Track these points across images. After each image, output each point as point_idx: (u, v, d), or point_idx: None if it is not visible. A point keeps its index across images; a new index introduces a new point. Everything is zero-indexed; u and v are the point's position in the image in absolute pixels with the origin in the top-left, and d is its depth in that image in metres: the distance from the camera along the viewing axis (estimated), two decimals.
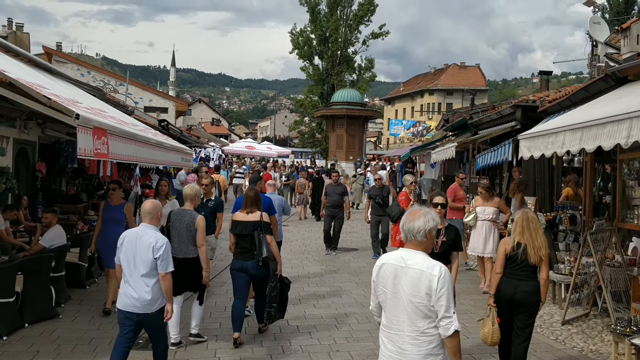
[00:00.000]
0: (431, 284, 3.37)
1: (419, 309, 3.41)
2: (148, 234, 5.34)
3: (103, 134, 5.65)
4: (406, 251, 3.60)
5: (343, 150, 38.00)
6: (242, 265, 7.01)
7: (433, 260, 3.51)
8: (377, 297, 3.70)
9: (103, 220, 8.30)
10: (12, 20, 34.11)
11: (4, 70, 5.40)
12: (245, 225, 7.04)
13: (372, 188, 13.93)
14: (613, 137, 5.09)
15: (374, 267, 3.78)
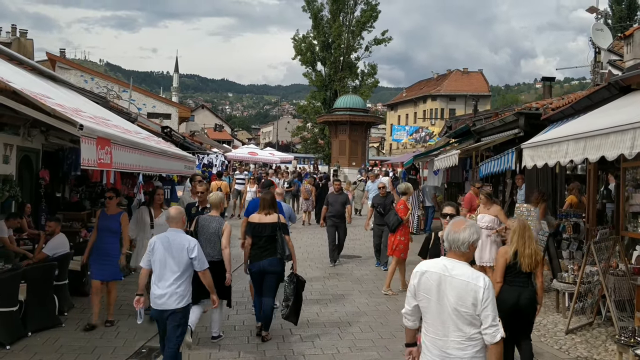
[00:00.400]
0: (477, 295, 3.53)
1: (464, 317, 3.57)
2: (179, 238, 5.87)
3: (107, 143, 5.65)
4: (449, 260, 3.74)
5: (346, 156, 37.99)
6: (259, 265, 7.46)
7: (477, 271, 3.69)
8: (418, 302, 3.82)
9: (98, 229, 8.01)
10: (16, 26, 34.30)
11: (8, 81, 5.41)
12: (263, 226, 7.51)
13: (375, 197, 13.43)
14: (617, 148, 5.08)
15: (413, 273, 3.90)
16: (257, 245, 7.49)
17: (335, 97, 45.29)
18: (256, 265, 7.48)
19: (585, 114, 8.29)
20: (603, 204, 10.42)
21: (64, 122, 5.28)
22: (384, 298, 10.09)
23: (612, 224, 9.43)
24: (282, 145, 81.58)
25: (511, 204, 13.86)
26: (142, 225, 8.74)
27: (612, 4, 47.26)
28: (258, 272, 7.51)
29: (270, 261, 7.43)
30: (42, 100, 5.40)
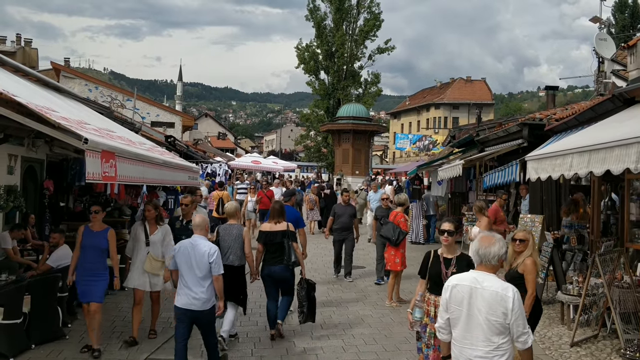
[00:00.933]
0: (507, 305, 3.76)
1: (494, 327, 3.80)
2: (202, 243, 6.41)
3: (111, 156, 5.66)
4: (478, 273, 4.00)
5: (349, 164, 37.91)
6: (270, 269, 8.05)
7: (505, 282, 3.95)
8: (449, 314, 4.06)
9: (82, 247, 7.29)
10: (20, 35, 34.46)
11: (14, 95, 5.43)
12: (274, 234, 8.09)
13: (378, 208, 12.90)
14: (622, 161, 5.07)
15: (444, 287, 4.17)
16: (269, 251, 8.12)
17: (339, 106, 45.24)
18: (267, 269, 8.09)
19: (590, 126, 8.28)
20: (607, 215, 10.40)
21: (69, 136, 5.29)
22: (387, 309, 10.06)
23: (616, 236, 9.40)
24: (285, 154, 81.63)
25: (515, 214, 13.86)
26: (136, 242, 7.98)
27: (615, 12, 47.31)
28: (269, 275, 8.09)
29: (280, 268, 8.01)
30: (48, 114, 5.41)
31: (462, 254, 5.78)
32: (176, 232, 8.18)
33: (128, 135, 9.74)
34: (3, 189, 9.43)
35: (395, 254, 10.53)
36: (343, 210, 12.73)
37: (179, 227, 8.46)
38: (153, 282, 7.89)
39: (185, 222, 8.53)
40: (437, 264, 5.70)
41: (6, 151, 9.62)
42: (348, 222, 12.59)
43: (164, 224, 8.19)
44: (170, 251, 7.24)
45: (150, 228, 8.03)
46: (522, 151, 12.17)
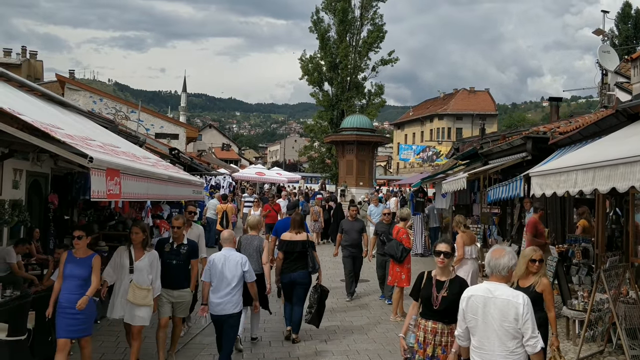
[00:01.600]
0: (518, 310, 4.12)
1: (508, 332, 4.15)
2: (233, 255, 7.33)
3: (116, 174, 5.67)
4: (490, 284, 4.36)
5: (353, 176, 37.97)
6: (290, 276, 8.70)
7: (515, 290, 4.31)
8: (466, 323, 4.43)
9: (64, 276, 6.71)
10: (26, 48, 34.68)
11: (19, 113, 5.46)
12: (294, 243, 8.76)
13: (379, 224, 12.25)
14: (626, 179, 5.06)
15: (461, 298, 4.51)
16: (289, 259, 8.72)
17: (343, 117, 45.39)
18: (287, 276, 8.72)
19: (594, 141, 8.28)
20: (612, 229, 10.37)
21: (74, 154, 5.31)
22: (392, 324, 10.03)
23: (621, 250, 9.37)
24: (289, 164, 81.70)
25: (520, 227, 13.82)
26: (119, 268, 7.24)
27: (618, 23, 47.46)
28: (289, 283, 8.74)
29: (300, 274, 8.68)
30: (53, 132, 5.43)
31: (456, 277, 5.49)
32: (165, 256, 7.52)
33: (132, 149, 9.76)
34: (8, 204, 9.47)
35: (400, 270, 10.48)
36: (350, 226, 12.08)
37: (169, 251, 7.62)
38: (135, 315, 7.01)
39: (176, 245, 7.66)
40: (429, 286, 5.41)
41: (11, 166, 9.66)
42: (357, 238, 11.94)
43: (151, 249, 7.42)
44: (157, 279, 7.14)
45: (136, 253, 7.24)
46: (526, 164, 12.16)
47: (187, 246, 7.71)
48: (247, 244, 8.59)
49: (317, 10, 49.15)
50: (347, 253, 11.99)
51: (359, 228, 12.03)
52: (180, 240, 7.73)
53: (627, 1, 48.86)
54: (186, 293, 7.66)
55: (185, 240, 7.79)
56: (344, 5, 47.50)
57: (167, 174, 8.61)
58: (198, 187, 11.17)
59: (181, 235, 7.78)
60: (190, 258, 7.70)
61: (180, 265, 7.56)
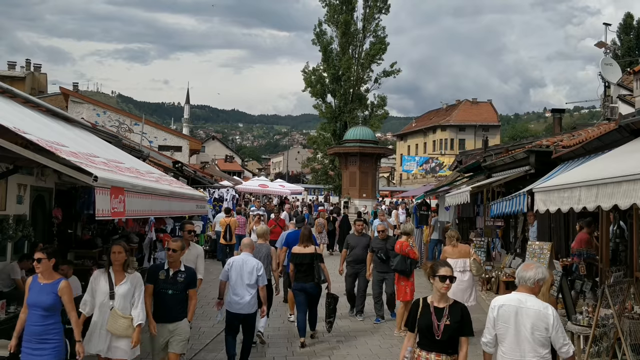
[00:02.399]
0: (548, 321, 4.52)
1: (539, 340, 4.52)
2: (251, 260, 8.18)
3: (120, 192, 5.70)
4: (521, 294, 4.72)
5: (356, 187, 37.90)
6: (302, 286, 9.47)
7: (544, 302, 4.68)
8: (496, 330, 4.74)
9: (27, 305, 6.02)
10: (30, 61, 34.97)
11: (24, 132, 5.49)
12: (304, 256, 9.49)
13: (374, 240, 11.51)
14: (629, 197, 5.07)
15: (491, 306, 4.84)
16: (300, 270, 9.50)
17: (345, 129, 45.41)
18: (299, 285, 9.52)
19: (597, 156, 8.29)
20: (616, 243, 10.34)
21: (79, 172, 5.34)
22: (396, 339, 9.99)
23: (625, 264, 9.35)
24: (292, 176, 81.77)
25: (523, 240, 13.80)
26: (97, 295, 6.36)
27: (620, 34, 47.58)
28: (300, 290, 9.51)
29: (310, 285, 9.44)
30: (58, 150, 5.47)
31: (455, 302, 5.13)
32: (159, 285, 6.79)
33: (136, 165, 9.80)
34: (12, 219, 9.50)
35: (405, 284, 10.45)
36: (357, 242, 11.63)
37: (164, 279, 6.82)
38: (116, 347, 6.24)
39: (173, 273, 6.86)
40: (427, 314, 5.01)
41: (16, 181, 9.70)
42: (362, 254, 11.40)
43: (134, 272, 6.60)
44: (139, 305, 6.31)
45: (116, 276, 6.39)
46: (529, 177, 12.16)
47: (185, 274, 6.89)
48: (256, 252, 9.14)
49: (319, 22, 49.33)
50: (351, 270, 11.59)
51: (365, 244, 11.52)
52: (177, 267, 6.89)
53: (629, 12, 49.07)
54: (183, 325, 6.83)
55: (182, 266, 6.96)
56: (346, 17, 47.66)
57: (170, 189, 8.64)
58: (201, 202, 11.22)
59: (178, 260, 6.92)
60: (189, 287, 6.88)
61: (176, 296, 6.75)
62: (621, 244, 10.30)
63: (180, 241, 7.16)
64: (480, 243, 15.05)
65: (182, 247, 7.03)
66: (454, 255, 10.12)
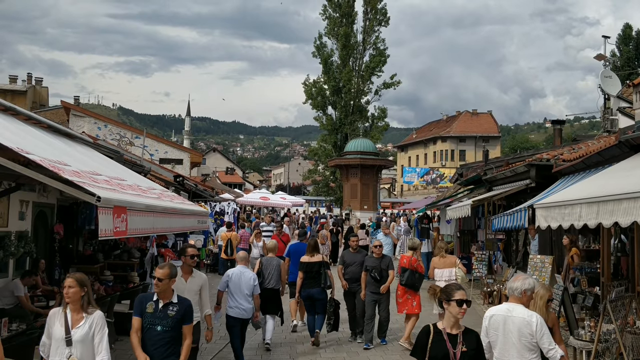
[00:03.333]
0: (532, 328, 4.84)
1: (525, 345, 4.85)
2: (247, 271, 9.03)
3: (123, 211, 5.72)
4: (509, 304, 5.09)
5: (357, 199, 37.97)
6: (308, 292, 10.27)
7: (530, 311, 4.99)
8: (489, 338, 5.10)
9: None
10: (31, 75, 35.12)
11: (28, 152, 5.53)
12: (311, 265, 10.27)
13: (369, 258, 10.78)
14: (630, 214, 5.10)
15: (484, 316, 5.23)
16: (308, 277, 10.22)
17: (346, 140, 45.51)
18: (307, 291, 10.30)
19: (597, 171, 8.32)
20: (618, 257, 10.35)
21: (82, 192, 5.37)
22: (398, 355, 9.96)
23: (627, 279, 9.35)
24: (293, 188, 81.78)
25: (525, 253, 13.80)
26: (52, 340, 5.26)
27: (619, 44, 47.72)
28: (308, 296, 10.32)
29: (316, 290, 10.23)
30: (61, 171, 5.50)
31: (467, 329, 4.81)
32: (147, 320, 5.69)
33: (138, 181, 9.82)
34: (14, 235, 9.52)
35: (412, 298, 10.45)
36: (352, 258, 10.91)
37: (152, 312, 5.70)
38: None
39: (163, 304, 5.73)
40: (441, 342, 4.71)
41: (18, 197, 9.72)
42: (358, 272, 10.66)
43: (96, 310, 5.36)
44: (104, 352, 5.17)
45: (73, 317, 5.23)
46: (530, 191, 12.18)
47: (178, 306, 5.75)
48: (268, 264, 10.25)
49: (320, 35, 49.59)
50: (348, 289, 10.81)
51: (361, 260, 10.79)
52: (168, 298, 5.78)
53: (627, 23, 49.24)
54: None
55: (175, 297, 5.84)
56: (346, 30, 47.90)
57: (171, 206, 8.67)
58: (203, 217, 11.23)
59: (168, 290, 5.81)
60: (183, 323, 5.73)
61: (167, 333, 5.63)
62: (622, 257, 10.31)
63: (167, 268, 5.92)
64: (482, 256, 15.05)
65: (170, 275, 5.81)
66: (441, 266, 10.82)
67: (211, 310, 7.62)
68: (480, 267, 14.98)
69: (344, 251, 12.16)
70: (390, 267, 10.49)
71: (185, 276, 7.26)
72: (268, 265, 10.20)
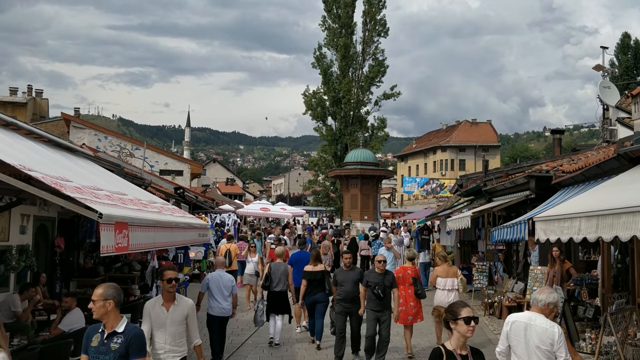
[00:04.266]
0: (554, 337, 5.05)
1: (544, 353, 5.04)
2: (225, 275, 9.96)
3: (124, 227, 5.74)
4: (532, 313, 5.29)
5: (357, 210, 37.96)
6: (313, 298, 10.90)
7: (551, 322, 5.20)
8: (509, 342, 5.32)
9: None
10: (31, 86, 35.17)
11: (30, 169, 5.56)
12: (315, 273, 10.93)
13: (371, 273, 10.17)
14: (629, 229, 5.12)
15: (505, 321, 5.48)
16: (312, 285, 10.85)
17: (346, 151, 45.55)
18: (310, 298, 10.93)
19: (597, 184, 8.35)
20: (618, 269, 10.37)
21: (84, 209, 5.39)
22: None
23: (627, 291, 9.36)
24: (293, 198, 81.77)
25: (525, 264, 13.80)
26: None
27: (618, 54, 47.90)
28: (312, 302, 10.95)
29: (320, 295, 10.88)
30: (63, 188, 5.53)
31: (474, 349, 4.72)
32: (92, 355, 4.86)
33: (138, 194, 9.85)
34: (15, 249, 9.54)
35: (415, 305, 10.51)
36: (345, 277, 10.21)
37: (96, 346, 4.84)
38: None
39: (107, 335, 4.87)
40: None
41: (19, 211, 9.75)
42: (353, 291, 10.06)
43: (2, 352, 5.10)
44: None
45: None
46: (530, 202, 12.21)
47: (123, 337, 4.85)
48: (276, 269, 11.31)
49: (319, 46, 49.69)
50: (341, 308, 10.11)
51: (355, 278, 10.16)
52: (112, 327, 4.88)
53: (626, 32, 49.43)
54: None
55: (121, 326, 4.91)
56: (345, 41, 48.03)
57: (172, 220, 8.69)
58: (203, 230, 11.25)
59: (109, 315, 4.91)
60: (128, 358, 4.82)
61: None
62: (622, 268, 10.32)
63: (103, 288, 5.02)
64: (482, 267, 15.05)
65: (106, 297, 4.89)
66: (444, 275, 10.82)
67: (201, 340, 6.47)
68: (480, 278, 14.99)
69: (337, 270, 11.32)
70: (395, 285, 9.92)
71: (167, 304, 6.26)
72: (276, 270, 11.31)
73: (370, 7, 49.19)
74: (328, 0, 49.52)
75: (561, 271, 10.81)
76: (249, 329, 12.41)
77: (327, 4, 49.63)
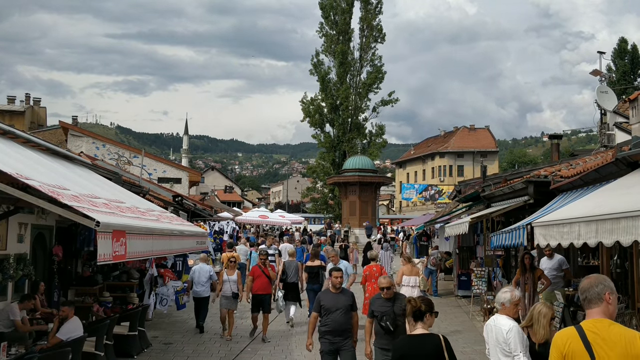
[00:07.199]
0: (504, 334, 5.35)
1: (501, 350, 5.38)
2: (205, 267, 13.37)
3: (122, 235, 5.73)
4: (497, 315, 5.67)
5: (356, 216, 37.95)
6: (311, 286, 13.62)
7: (509, 320, 5.48)
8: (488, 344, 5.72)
9: None
10: (29, 95, 35.15)
11: (27, 178, 5.55)
12: (313, 267, 13.91)
13: (376, 301, 7.45)
14: (630, 233, 5.10)
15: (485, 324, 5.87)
16: (311, 276, 13.76)
17: (345, 158, 45.58)
18: (310, 286, 13.70)
19: (595, 188, 8.34)
20: (617, 274, 10.33)
21: (82, 217, 5.38)
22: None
23: (627, 295, 9.34)
24: (292, 205, 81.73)
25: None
26: None
27: (615, 59, 48.00)
28: (311, 290, 13.61)
29: (317, 286, 13.32)
30: (60, 196, 5.51)
31: None
32: None
33: (136, 202, 9.84)
34: (13, 258, 9.51)
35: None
36: (333, 301, 7.71)
37: None
38: None
39: None
40: None
41: (17, 220, 9.73)
42: (343, 321, 7.62)
43: None
44: None
45: None
46: (529, 207, 12.19)
47: None
48: (290, 266, 13.99)
49: (317, 53, 49.80)
50: (326, 346, 7.57)
51: (346, 304, 7.75)
52: None
53: (623, 37, 49.59)
54: None
55: None
56: (343, 47, 48.13)
57: (170, 227, 8.68)
58: (202, 238, 11.23)
59: None
60: None
61: None
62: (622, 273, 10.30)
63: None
64: (481, 273, 15.02)
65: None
66: (408, 273, 12.29)
67: None
68: (479, 284, 14.94)
69: (321, 292, 8.89)
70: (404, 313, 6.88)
71: None
72: (289, 267, 13.96)
73: (367, 13, 49.36)
74: (325, 7, 49.68)
75: (533, 278, 10.84)
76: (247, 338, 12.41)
77: (324, 11, 49.80)
